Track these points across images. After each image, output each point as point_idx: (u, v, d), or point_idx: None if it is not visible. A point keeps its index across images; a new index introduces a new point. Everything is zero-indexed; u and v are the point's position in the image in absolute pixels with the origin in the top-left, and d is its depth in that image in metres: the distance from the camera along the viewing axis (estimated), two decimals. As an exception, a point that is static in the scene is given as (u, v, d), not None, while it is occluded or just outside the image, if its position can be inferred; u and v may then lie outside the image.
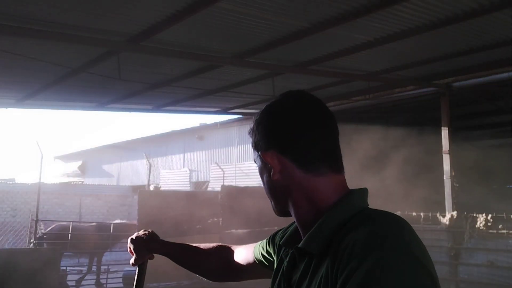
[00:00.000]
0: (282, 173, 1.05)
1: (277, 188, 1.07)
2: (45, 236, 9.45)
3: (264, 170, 1.10)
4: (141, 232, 1.59)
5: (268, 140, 1.07)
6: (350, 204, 1.01)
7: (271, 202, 1.13)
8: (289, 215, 1.12)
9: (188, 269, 1.57)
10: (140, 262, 1.56)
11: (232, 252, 1.56)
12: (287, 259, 1.10)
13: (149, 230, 1.62)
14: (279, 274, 1.12)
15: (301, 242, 1.01)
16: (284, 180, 1.05)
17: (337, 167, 1.07)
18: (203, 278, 1.57)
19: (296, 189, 1.04)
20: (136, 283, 1.56)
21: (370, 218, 0.95)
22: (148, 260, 1.59)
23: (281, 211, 1.11)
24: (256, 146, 1.11)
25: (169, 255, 1.56)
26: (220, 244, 1.60)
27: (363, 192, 1.07)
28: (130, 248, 1.56)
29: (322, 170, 1.04)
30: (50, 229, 9.94)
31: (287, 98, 1.10)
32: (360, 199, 1.04)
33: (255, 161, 1.15)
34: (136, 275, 1.57)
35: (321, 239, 0.97)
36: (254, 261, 1.43)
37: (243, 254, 1.50)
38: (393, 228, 0.91)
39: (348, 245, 0.88)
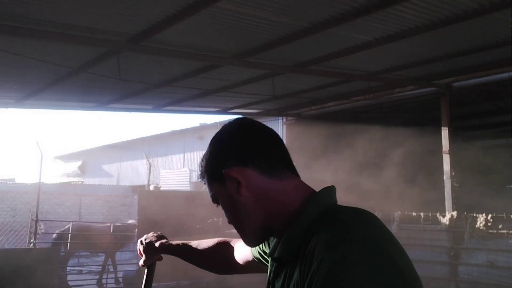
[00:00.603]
0: (249, 187, 1.04)
1: (248, 206, 1.05)
2: (54, 235, 9.68)
3: (227, 197, 1.07)
4: (150, 234, 1.65)
5: (227, 159, 1.07)
6: (315, 205, 1.01)
7: (244, 232, 1.10)
8: (265, 238, 1.13)
9: (195, 265, 1.63)
10: (149, 263, 1.61)
11: (232, 249, 1.58)
12: (273, 268, 1.11)
13: (158, 232, 1.67)
14: (268, 282, 1.14)
15: (276, 252, 1.03)
16: (252, 194, 1.04)
17: (295, 171, 1.10)
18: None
19: (265, 199, 1.04)
20: (145, 284, 1.61)
21: (333, 217, 0.95)
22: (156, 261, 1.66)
23: (256, 234, 1.09)
24: (213, 175, 1.10)
25: (176, 255, 1.62)
26: (221, 241, 1.63)
27: (329, 190, 1.06)
28: (139, 250, 1.62)
29: (284, 173, 1.06)
30: (66, 229, 10.09)
31: (229, 124, 1.14)
32: (325, 198, 1.04)
33: (214, 199, 1.12)
34: (145, 276, 1.62)
35: (291, 245, 0.98)
36: (253, 259, 1.44)
37: (242, 252, 1.52)
38: (357, 224, 0.91)
39: (311, 248, 0.89)
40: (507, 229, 7.50)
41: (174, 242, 1.63)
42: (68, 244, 9.60)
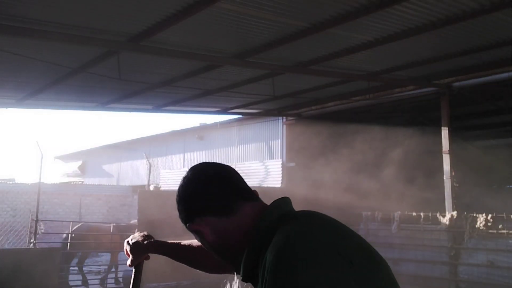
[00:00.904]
0: (212, 232, 1.17)
1: (219, 246, 1.18)
2: (73, 235, 9.78)
3: (200, 238, 1.21)
4: (137, 234, 1.65)
5: (187, 214, 1.20)
6: (263, 221, 1.11)
7: (230, 262, 1.21)
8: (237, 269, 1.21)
9: (185, 264, 1.67)
10: (137, 263, 1.60)
11: None
12: None
13: (145, 232, 1.67)
14: None
15: (241, 273, 1.14)
16: (216, 237, 1.17)
17: (250, 195, 1.21)
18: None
19: (228, 237, 1.16)
20: (132, 283, 1.61)
21: (282, 224, 1.06)
22: (145, 261, 1.65)
23: (236, 262, 1.17)
24: (183, 220, 1.24)
25: (165, 255, 1.63)
26: None
27: (278, 202, 1.17)
28: (126, 250, 1.62)
29: (238, 206, 1.17)
30: (76, 228, 10.20)
31: (182, 178, 1.25)
32: (272, 213, 1.14)
33: (193, 232, 1.24)
34: (132, 276, 1.63)
35: (247, 263, 1.10)
36: None
37: None
38: (301, 225, 1.04)
39: (264, 262, 0.99)
40: (507, 229, 7.50)
41: (163, 242, 1.63)
42: (76, 244, 9.77)
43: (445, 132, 8.43)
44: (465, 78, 7.97)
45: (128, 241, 1.61)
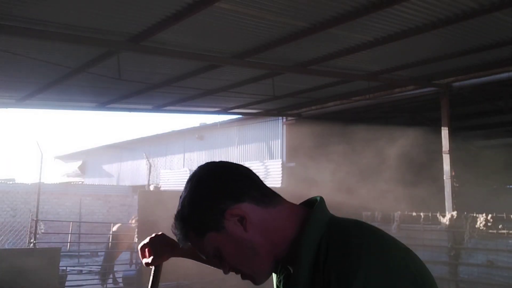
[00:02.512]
0: (251, 222, 1.01)
1: (255, 242, 1.02)
2: (109, 236, 10.23)
3: (231, 241, 1.02)
4: (155, 235, 1.58)
5: (219, 201, 1.01)
6: (315, 226, 1.00)
7: (256, 271, 1.05)
8: (275, 270, 1.10)
9: (207, 264, 1.61)
10: (158, 263, 1.56)
11: None
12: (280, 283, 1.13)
13: (161, 233, 1.60)
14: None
15: (292, 279, 1.01)
16: (256, 228, 1.01)
17: (281, 196, 1.09)
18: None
19: (268, 229, 1.02)
20: (151, 284, 1.56)
21: (339, 233, 0.97)
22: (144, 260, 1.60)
23: (269, 269, 1.06)
24: (204, 227, 1.02)
25: (189, 257, 1.56)
26: None
27: (321, 205, 1.06)
28: (147, 249, 1.54)
29: (275, 199, 1.06)
30: (118, 229, 10.51)
31: (201, 170, 1.10)
32: (323, 213, 1.04)
33: (214, 253, 1.04)
34: (152, 276, 1.57)
35: (304, 269, 0.97)
36: None
37: None
38: (365, 235, 0.95)
39: (326, 264, 0.92)
40: (507, 229, 7.49)
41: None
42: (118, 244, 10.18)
43: (445, 132, 8.43)
44: (465, 78, 7.96)
45: (151, 239, 1.54)
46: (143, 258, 1.55)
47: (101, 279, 9.97)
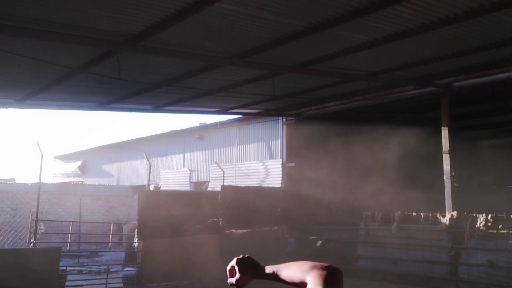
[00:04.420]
0: None
1: None
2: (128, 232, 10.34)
3: None
4: (241, 257, 1.60)
5: None
6: None
7: None
8: None
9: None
10: (242, 285, 1.57)
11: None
12: None
13: (247, 255, 1.62)
14: None
15: None
16: None
17: None
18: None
19: None
20: None
21: None
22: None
23: None
24: None
25: (273, 279, 1.56)
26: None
27: None
28: (235, 268, 1.57)
29: None
30: (130, 229, 10.64)
31: None
32: None
33: None
34: None
35: None
36: None
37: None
38: None
39: None
40: (507, 229, 7.49)
41: (269, 267, 1.58)
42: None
43: (445, 132, 8.43)
44: (465, 78, 7.97)
45: (240, 259, 1.57)
46: (230, 277, 1.58)
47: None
